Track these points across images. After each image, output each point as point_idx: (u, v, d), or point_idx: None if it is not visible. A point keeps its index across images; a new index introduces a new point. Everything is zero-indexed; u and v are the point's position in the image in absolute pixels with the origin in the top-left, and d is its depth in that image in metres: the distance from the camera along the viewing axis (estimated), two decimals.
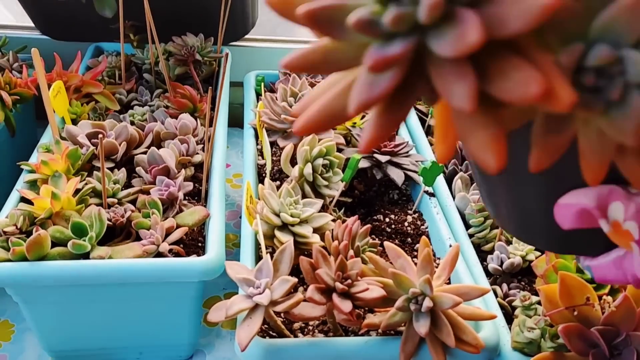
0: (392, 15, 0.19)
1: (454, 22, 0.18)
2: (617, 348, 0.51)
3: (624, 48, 0.19)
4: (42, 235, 0.61)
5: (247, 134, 0.87)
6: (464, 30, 0.18)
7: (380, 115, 0.21)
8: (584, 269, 0.37)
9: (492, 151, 0.20)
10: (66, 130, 0.79)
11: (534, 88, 0.18)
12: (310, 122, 0.23)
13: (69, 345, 0.70)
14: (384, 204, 0.82)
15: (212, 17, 1.00)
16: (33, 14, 1.08)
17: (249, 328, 0.52)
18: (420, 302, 0.53)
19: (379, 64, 0.19)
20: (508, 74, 0.19)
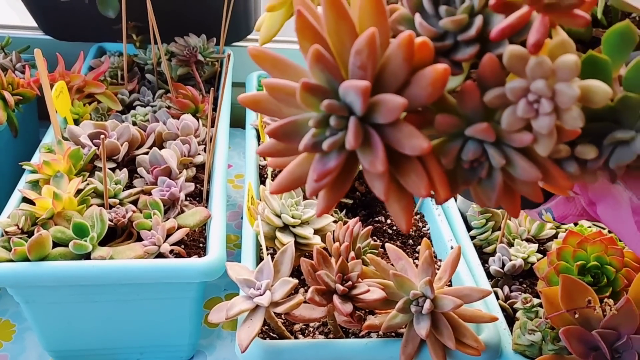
0: (329, 143, 0.29)
1: (369, 146, 0.28)
2: (618, 351, 0.51)
3: (486, 144, 0.29)
4: (43, 235, 0.61)
5: (249, 135, 0.87)
6: (374, 160, 0.28)
7: (326, 194, 0.31)
8: (544, 213, 0.42)
9: (403, 218, 0.31)
10: (68, 131, 0.79)
11: (424, 190, 0.29)
12: (281, 184, 0.33)
13: (69, 345, 0.70)
14: (386, 206, 0.82)
15: (214, 18, 1.00)
16: (36, 14, 1.08)
17: (249, 329, 0.52)
18: (421, 304, 0.53)
19: (321, 175, 0.29)
20: (410, 176, 0.30)
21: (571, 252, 0.61)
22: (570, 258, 0.61)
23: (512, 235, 0.73)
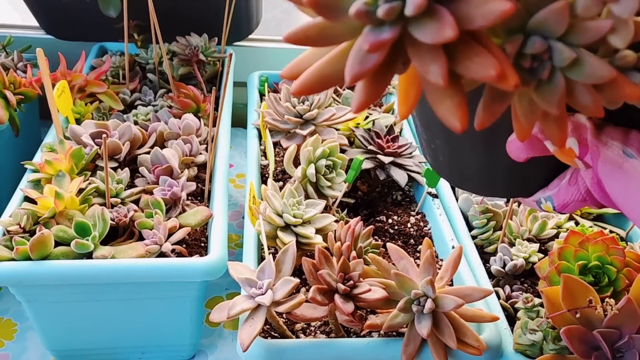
0: (385, 9, 0.24)
1: (433, 17, 0.24)
2: (620, 350, 0.51)
3: (551, 40, 0.26)
4: (45, 234, 0.61)
5: (251, 135, 0.87)
6: (442, 26, 0.24)
7: (368, 84, 0.27)
8: (543, 202, 0.41)
9: (457, 116, 0.26)
10: (70, 130, 0.79)
11: (492, 71, 0.24)
12: (306, 84, 0.28)
13: (71, 345, 0.70)
14: (387, 205, 0.82)
15: (216, 17, 1.00)
16: (37, 14, 1.08)
17: (251, 328, 0.52)
18: (423, 304, 0.53)
19: (373, 46, 0.25)
20: (472, 59, 0.25)
21: (572, 252, 0.61)
22: (571, 258, 0.61)
23: (513, 234, 0.73)
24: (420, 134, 0.46)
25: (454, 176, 0.46)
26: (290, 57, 0.32)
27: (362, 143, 0.82)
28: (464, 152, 0.42)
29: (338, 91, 1.00)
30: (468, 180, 0.45)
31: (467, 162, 0.43)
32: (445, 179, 0.51)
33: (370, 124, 0.87)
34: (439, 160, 0.45)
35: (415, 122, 0.45)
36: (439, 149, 0.44)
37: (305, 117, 0.79)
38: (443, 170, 0.46)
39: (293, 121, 0.79)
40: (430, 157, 0.46)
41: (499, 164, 0.41)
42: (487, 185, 0.45)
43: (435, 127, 0.42)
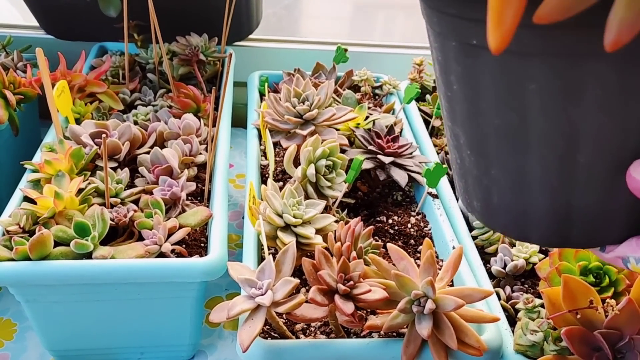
0: None
1: None
2: (621, 351, 0.51)
3: None
4: (44, 234, 0.61)
5: (251, 135, 0.87)
6: None
7: None
8: (633, 262, 0.33)
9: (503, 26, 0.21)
10: (70, 130, 0.79)
11: None
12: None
13: (70, 345, 0.70)
14: (387, 206, 0.82)
15: (216, 17, 1.00)
16: (37, 13, 1.08)
17: (250, 329, 0.52)
18: (423, 304, 0.53)
19: None
20: None
21: (573, 253, 0.61)
22: (572, 258, 0.61)
23: None
24: (466, 169, 0.37)
25: (513, 223, 0.37)
26: (290, 57, 0.32)
27: (363, 143, 0.81)
28: (533, 183, 0.33)
29: (338, 91, 1.00)
30: (533, 226, 0.36)
31: (536, 199, 0.34)
32: (499, 230, 0.39)
33: (371, 124, 0.86)
34: (492, 204, 0.37)
35: (459, 153, 0.37)
36: (494, 185, 0.35)
37: (305, 117, 0.79)
38: (498, 218, 0.37)
39: (293, 121, 0.79)
40: (478, 201, 0.38)
41: (586, 200, 0.33)
42: (562, 231, 0.35)
43: (495, 147, 0.34)
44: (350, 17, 1.60)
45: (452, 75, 0.34)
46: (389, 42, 1.26)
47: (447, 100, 0.36)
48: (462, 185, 0.39)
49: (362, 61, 1.14)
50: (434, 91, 1.06)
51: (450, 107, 0.36)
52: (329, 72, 1.03)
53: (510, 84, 0.30)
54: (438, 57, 0.36)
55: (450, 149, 0.39)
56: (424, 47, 1.23)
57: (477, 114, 0.33)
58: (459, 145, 0.37)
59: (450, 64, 0.34)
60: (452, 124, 0.37)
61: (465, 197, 0.39)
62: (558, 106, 0.30)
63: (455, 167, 0.39)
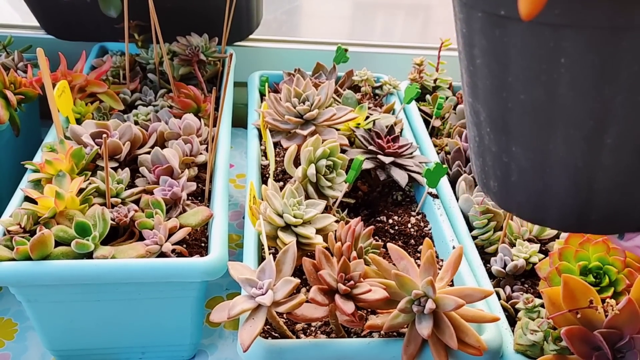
0: None
1: None
2: (621, 351, 0.51)
3: None
4: (45, 234, 0.61)
5: (251, 135, 0.87)
6: None
7: None
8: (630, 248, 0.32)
9: None
10: (70, 130, 0.79)
11: None
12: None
13: (71, 345, 0.70)
14: (388, 205, 0.82)
15: (216, 17, 1.00)
16: (38, 14, 1.08)
17: (251, 329, 0.52)
18: (423, 304, 0.53)
19: None
20: None
21: (573, 253, 0.61)
22: (572, 258, 0.61)
23: (513, 235, 0.73)
24: (485, 147, 0.36)
25: (530, 203, 0.35)
26: (290, 57, 0.32)
27: (363, 143, 0.82)
28: (556, 163, 0.32)
29: (338, 91, 1.00)
30: (551, 208, 0.34)
31: (557, 179, 0.33)
32: (514, 212, 0.38)
33: (371, 124, 0.86)
34: (509, 183, 0.35)
35: (479, 130, 0.36)
36: (514, 162, 0.34)
37: (306, 117, 0.79)
38: (514, 197, 0.36)
39: (293, 121, 0.79)
40: (495, 180, 0.36)
41: (609, 184, 0.31)
42: (581, 214, 0.34)
43: (519, 124, 0.33)
44: (350, 17, 1.60)
45: (476, 48, 0.33)
46: (389, 42, 1.26)
47: (470, 75, 0.35)
48: (479, 164, 0.38)
49: (362, 61, 1.14)
50: (434, 91, 1.06)
51: (472, 82, 0.35)
52: (329, 72, 1.03)
53: (539, 57, 0.29)
54: (462, 29, 0.34)
55: (469, 127, 0.38)
56: (424, 47, 1.23)
57: (502, 88, 0.32)
58: (478, 122, 0.36)
59: (475, 36, 0.33)
60: (474, 99, 0.36)
61: (481, 176, 0.38)
62: (590, 83, 0.29)
63: (473, 145, 0.38)
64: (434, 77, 1.06)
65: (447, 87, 1.07)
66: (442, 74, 1.07)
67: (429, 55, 1.09)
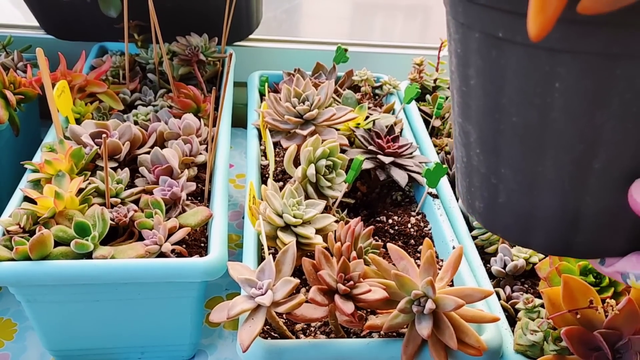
0: None
1: None
2: (620, 351, 0.51)
3: None
4: (45, 234, 0.61)
5: (251, 135, 0.87)
6: None
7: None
8: (632, 278, 0.32)
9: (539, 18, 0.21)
10: (70, 130, 0.79)
11: None
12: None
13: (71, 345, 0.70)
14: (387, 206, 0.82)
15: (216, 17, 1.00)
16: (38, 14, 1.08)
17: (250, 329, 0.52)
18: (423, 304, 0.53)
19: None
20: None
21: None
22: (572, 258, 0.61)
23: None
24: (472, 168, 0.36)
25: (517, 225, 0.36)
26: (290, 57, 0.32)
27: (362, 143, 0.81)
28: (544, 186, 0.33)
29: (338, 91, 1.00)
30: (537, 231, 0.35)
31: (545, 201, 0.33)
32: (499, 233, 0.39)
33: (371, 124, 0.86)
34: (496, 205, 0.36)
35: (467, 151, 0.36)
36: (502, 184, 0.34)
37: (306, 117, 0.79)
38: (500, 220, 0.36)
39: (293, 121, 0.79)
40: (481, 201, 0.37)
41: (595, 208, 0.32)
42: (566, 237, 0.34)
43: (509, 145, 0.33)
44: (350, 17, 1.60)
45: (471, 69, 0.33)
46: (389, 42, 1.26)
47: (461, 95, 0.35)
48: (465, 184, 0.38)
49: (362, 61, 1.14)
50: (434, 91, 1.06)
51: (464, 103, 0.35)
52: (329, 72, 1.03)
53: (534, 81, 0.30)
54: (457, 50, 0.34)
55: (457, 147, 0.38)
56: (424, 47, 1.23)
57: (495, 110, 0.32)
58: (467, 143, 0.36)
59: (470, 56, 0.33)
60: (464, 120, 0.36)
61: (467, 197, 0.39)
62: (582, 108, 0.29)
63: (461, 165, 0.38)
64: (434, 77, 1.06)
65: (447, 87, 1.07)
66: (442, 73, 1.07)
67: (429, 55, 1.09)
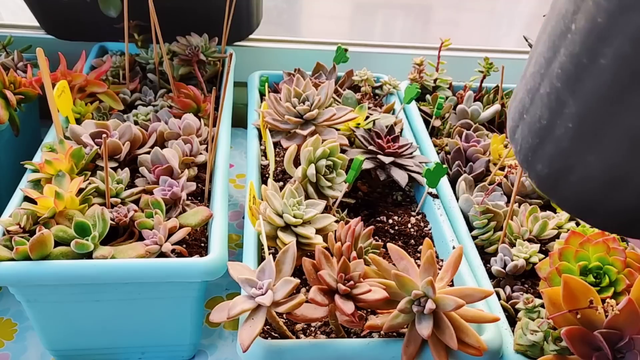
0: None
1: None
2: (621, 351, 0.51)
3: None
4: (45, 234, 0.61)
5: (251, 135, 0.87)
6: None
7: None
8: None
9: None
10: (70, 130, 0.79)
11: None
12: None
13: (71, 345, 0.70)
14: (388, 205, 0.82)
15: (216, 17, 1.00)
16: (38, 14, 1.08)
17: (251, 329, 0.52)
18: (423, 304, 0.53)
19: None
20: None
21: (573, 253, 0.61)
22: (572, 258, 0.61)
23: (514, 235, 0.73)
24: (553, 136, 0.32)
25: (579, 202, 0.32)
26: (290, 57, 0.32)
27: (363, 143, 0.81)
28: (631, 184, 0.30)
29: (338, 91, 1.00)
30: (601, 211, 0.32)
31: (627, 194, 0.30)
32: (554, 199, 0.35)
33: (371, 124, 0.86)
34: (566, 178, 0.32)
35: (553, 117, 0.32)
36: (584, 167, 0.31)
37: (306, 117, 0.79)
38: (564, 190, 0.33)
39: (293, 121, 0.79)
40: (547, 168, 0.33)
41: None
42: (630, 220, 0.32)
43: (613, 139, 0.29)
44: (350, 17, 1.60)
45: (609, 49, 0.29)
46: (389, 42, 1.26)
47: (577, 65, 0.31)
48: (533, 144, 0.34)
49: (362, 61, 1.14)
50: (434, 91, 1.06)
51: (576, 75, 0.31)
52: (329, 72, 1.03)
53: None
54: (598, 19, 0.29)
55: (537, 106, 0.33)
56: (424, 47, 1.23)
57: (618, 101, 0.29)
58: (558, 110, 0.32)
59: (616, 36, 0.28)
60: (566, 89, 0.31)
61: (527, 154, 0.34)
62: None
63: (533, 124, 0.34)
64: (434, 77, 1.06)
65: (447, 87, 1.07)
66: (442, 73, 1.07)
67: (429, 55, 1.09)
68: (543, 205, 0.81)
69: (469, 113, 0.97)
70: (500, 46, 1.29)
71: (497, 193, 0.80)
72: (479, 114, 0.97)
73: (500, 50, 1.27)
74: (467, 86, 1.05)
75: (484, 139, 0.90)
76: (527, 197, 0.82)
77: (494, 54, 1.19)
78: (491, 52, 1.22)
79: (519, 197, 0.81)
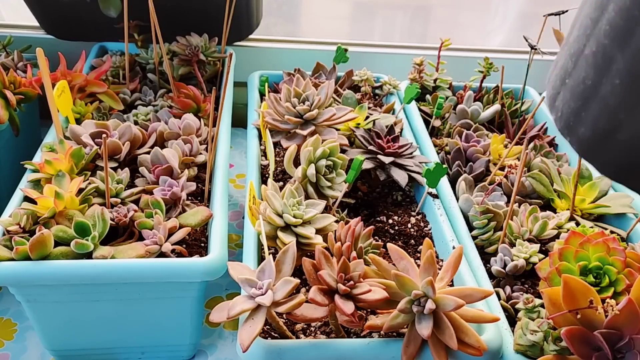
0: None
1: None
2: (621, 351, 0.51)
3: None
4: (45, 234, 0.61)
5: (251, 135, 0.87)
6: None
7: None
8: None
9: None
10: (70, 130, 0.79)
11: None
12: None
13: (71, 345, 0.70)
14: (388, 205, 0.82)
15: (216, 17, 1.00)
16: (38, 14, 1.08)
17: (251, 329, 0.52)
18: (423, 304, 0.53)
19: None
20: None
21: (573, 253, 0.61)
22: (572, 258, 0.61)
23: (513, 235, 0.73)
24: (598, 94, 0.31)
25: (623, 165, 0.31)
26: (290, 57, 0.32)
27: (363, 143, 0.81)
28: None
29: (338, 91, 1.00)
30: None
31: None
32: (595, 164, 0.33)
33: (371, 124, 0.86)
34: (613, 138, 0.31)
35: (600, 75, 0.31)
36: (633, 124, 0.29)
37: (306, 117, 0.79)
38: (608, 152, 0.31)
39: (293, 121, 0.79)
40: (589, 130, 0.32)
41: None
42: None
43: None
44: (350, 17, 1.60)
45: None
46: (389, 42, 1.26)
47: (627, 19, 0.29)
48: (575, 107, 0.32)
49: (362, 61, 1.14)
50: (434, 91, 1.06)
51: (627, 28, 0.29)
52: (329, 72, 1.03)
53: None
54: None
55: (581, 65, 0.32)
56: (424, 47, 1.23)
57: None
58: (605, 68, 0.31)
59: None
60: (614, 44, 0.30)
61: (569, 117, 0.33)
62: None
63: (577, 84, 0.32)
64: (434, 77, 1.06)
65: (447, 87, 1.07)
66: (442, 73, 1.07)
67: (429, 55, 1.09)
68: (543, 205, 0.81)
69: (469, 113, 0.97)
70: (499, 45, 1.29)
71: (497, 193, 0.80)
72: (479, 114, 0.97)
73: (500, 50, 1.27)
74: (467, 86, 1.05)
75: (484, 139, 0.90)
76: (527, 197, 0.82)
77: (494, 54, 1.19)
78: (491, 52, 1.22)
79: (519, 197, 0.81)
